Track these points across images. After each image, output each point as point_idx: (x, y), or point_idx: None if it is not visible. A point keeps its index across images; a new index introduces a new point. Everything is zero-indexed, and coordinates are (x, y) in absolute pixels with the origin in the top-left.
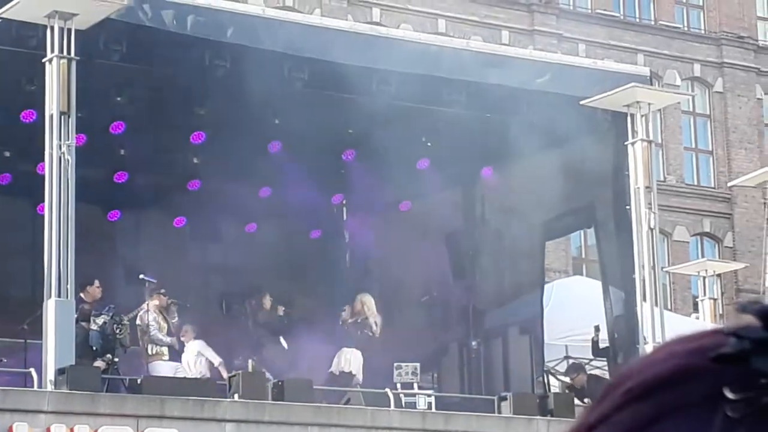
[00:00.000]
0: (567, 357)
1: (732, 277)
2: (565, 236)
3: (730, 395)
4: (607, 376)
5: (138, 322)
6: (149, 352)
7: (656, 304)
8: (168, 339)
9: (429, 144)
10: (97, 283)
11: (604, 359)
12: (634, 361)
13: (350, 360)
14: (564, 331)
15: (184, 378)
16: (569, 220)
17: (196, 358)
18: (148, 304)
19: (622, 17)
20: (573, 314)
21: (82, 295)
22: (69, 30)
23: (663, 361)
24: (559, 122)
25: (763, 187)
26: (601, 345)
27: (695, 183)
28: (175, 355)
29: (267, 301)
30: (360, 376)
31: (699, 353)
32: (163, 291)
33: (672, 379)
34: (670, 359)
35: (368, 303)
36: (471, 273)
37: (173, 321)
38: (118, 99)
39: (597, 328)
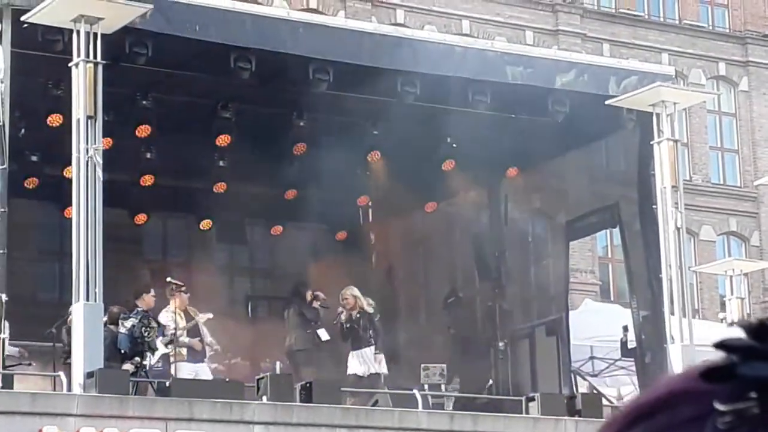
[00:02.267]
0: (592, 357)
1: (759, 276)
2: (591, 236)
3: (720, 407)
4: (634, 376)
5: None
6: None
7: (683, 304)
8: (186, 339)
9: (454, 145)
10: (153, 292)
11: (632, 360)
12: (645, 389)
13: (371, 360)
14: (589, 331)
15: (213, 380)
16: (594, 220)
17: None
18: (171, 304)
19: (646, 16)
20: (598, 317)
21: (137, 302)
22: (95, 34)
23: (659, 387)
24: (584, 122)
25: None
26: (630, 346)
27: (721, 182)
28: (195, 356)
29: (308, 295)
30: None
31: (692, 377)
32: (183, 288)
33: (666, 401)
34: (669, 384)
35: (356, 293)
36: (497, 273)
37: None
38: (144, 102)
39: (625, 329)
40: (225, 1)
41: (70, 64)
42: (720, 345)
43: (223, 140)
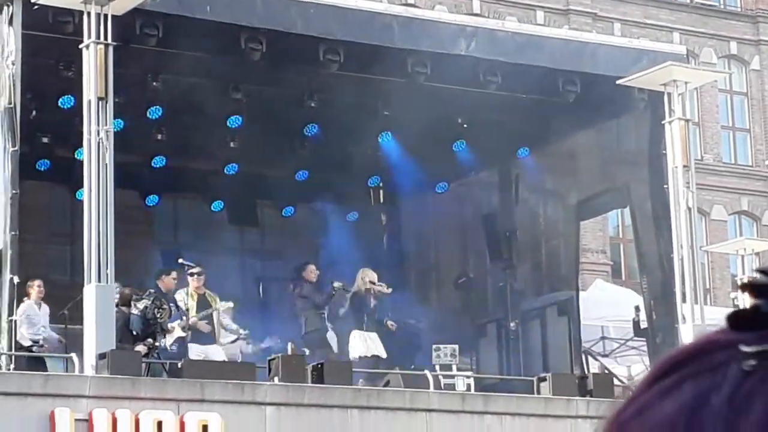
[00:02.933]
0: (603, 338)
1: None
2: (602, 216)
3: (745, 348)
4: (645, 356)
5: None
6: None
7: (694, 284)
8: (193, 320)
9: (465, 125)
10: (174, 274)
11: (643, 340)
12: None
13: (374, 342)
14: (601, 311)
15: (225, 361)
16: (605, 200)
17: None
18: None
19: None
20: (609, 297)
21: (158, 283)
22: (105, 15)
23: (695, 339)
24: (595, 102)
25: None
26: (642, 326)
27: (733, 162)
28: (201, 338)
29: (311, 273)
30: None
31: (726, 330)
32: (196, 271)
33: (699, 351)
34: (701, 336)
35: (371, 276)
36: (508, 254)
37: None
38: (155, 84)
39: (637, 308)
40: None
41: (80, 46)
42: (745, 286)
43: (233, 121)
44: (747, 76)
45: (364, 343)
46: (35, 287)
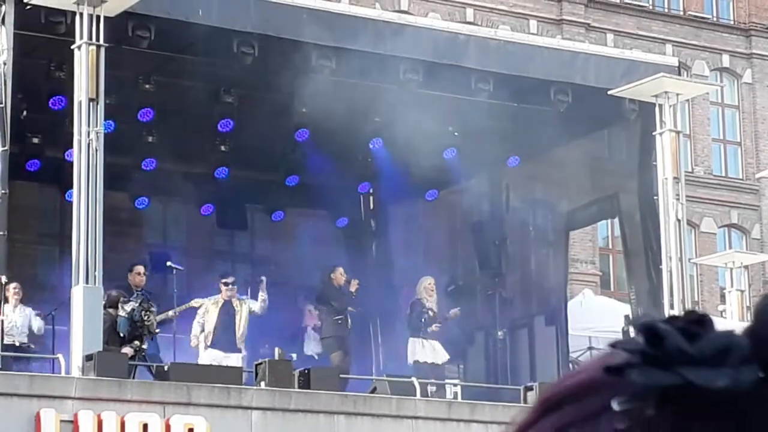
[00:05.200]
0: (591, 348)
1: (760, 268)
2: (592, 226)
3: (616, 407)
4: None
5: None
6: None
7: (683, 296)
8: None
9: (456, 133)
10: (139, 269)
11: None
12: (561, 374)
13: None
14: (588, 322)
15: (211, 365)
16: (594, 210)
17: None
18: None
19: (650, 7)
20: (597, 308)
21: (128, 278)
22: (98, 17)
23: (575, 374)
24: (586, 112)
25: None
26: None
27: (723, 174)
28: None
29: (341, 277)
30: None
31: (601, 368)
32: (230, 281)
33: (576, 392)
34: (582, 372)
35: (428, 283)
36: (497, 262)
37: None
38: (147, 86)
39: (627, 318)
40: None
41: (72, 47)
42: (614, 346)
43: (224, 125)
44: (739, 89)
45: (422, 350)
46: (11, 289)
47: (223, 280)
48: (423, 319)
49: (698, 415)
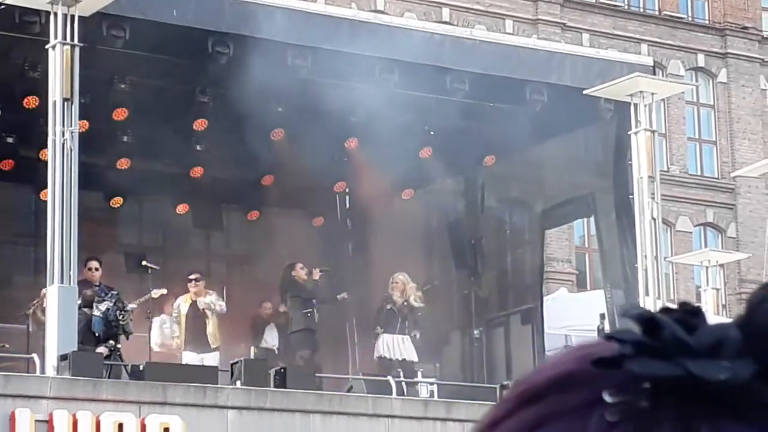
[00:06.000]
0: (567, 346)
1: (735, 267)
2: (568, 225)
3: (608, 399)
4: None
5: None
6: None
7: (658, 295)
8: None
9: (431, 132)
10: (93, 264)
11: None
12: (537, 366)
13: (404, 347)
14: (564, 320)
15: (187, 365)
16: (570, 209)
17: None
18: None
19: (626, 7)
20: (573, 306)
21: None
22: (72, 16)
23: (554, 366)
24: (562, 111)
25: (767, 178)
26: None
27: (698, 173)
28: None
29: (300, 271)
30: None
31: (586, 359)
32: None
33: (557, 384)
34: (561, 364)
35: (408, 281)
36: (473, 261)
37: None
38: (122, 86)
39: (602, 316)
40: None
41: (46, 47)
42: (610, 337)
43: (199, 125)
44: (714, 89)
45: (389, 346)
46: None
47: (189, 277)
48: (383, 315)
49: (698, 408)
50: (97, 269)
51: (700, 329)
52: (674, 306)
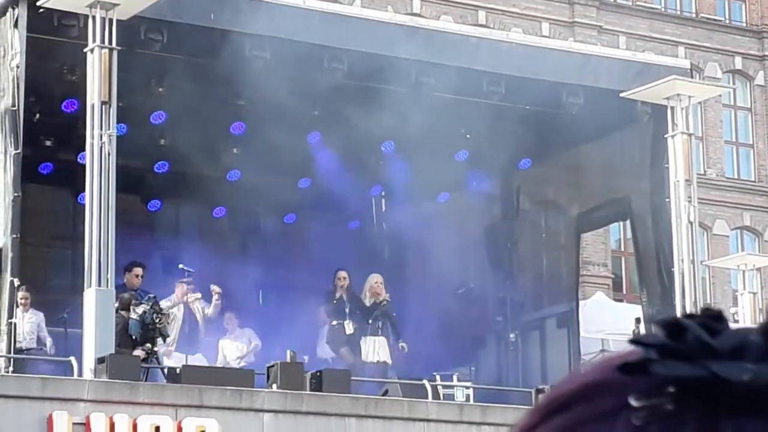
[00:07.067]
0: (603, 351)
1: None
2: (604, 229)
3: (634, 403)
4: None
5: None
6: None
7: (695, 299)
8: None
9: (468, 136)
10: (137, 270)
11: None
12: (566, 376)
13: (380, 348)
14: (600, 324)
15: (223, 368)
16: (605, 213)
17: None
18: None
19: (663, 9)
20: (609, 310)
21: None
22: (110, 20)
23: (582, 375)
24: (599, 114)
25: None
26: None
27: (735, 176)
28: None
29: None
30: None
31: (610, 368)
32: (185, 280)
33: (585, 393)
34: (589, 374)
35: (380, 281)
36: (508, 265)
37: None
38: (159, 89)
39: (638, 320)
40: None
41: (85, 50)
42: (635, 342)
43: (237, 128)
44: (751, 91)
45: (373, 349)
46: (19, 296)
47: (189, 270)
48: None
49: (724, 410)
50: (142, 276)
51: (723, 333)
52: (696, 312)
